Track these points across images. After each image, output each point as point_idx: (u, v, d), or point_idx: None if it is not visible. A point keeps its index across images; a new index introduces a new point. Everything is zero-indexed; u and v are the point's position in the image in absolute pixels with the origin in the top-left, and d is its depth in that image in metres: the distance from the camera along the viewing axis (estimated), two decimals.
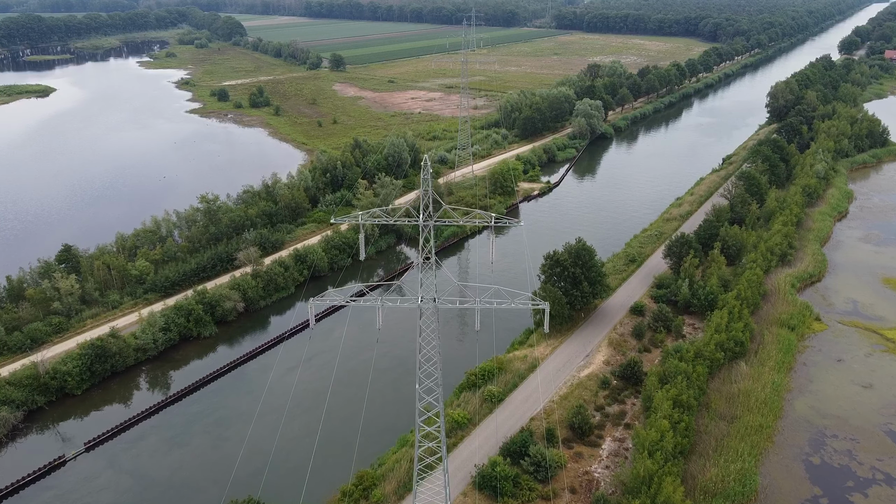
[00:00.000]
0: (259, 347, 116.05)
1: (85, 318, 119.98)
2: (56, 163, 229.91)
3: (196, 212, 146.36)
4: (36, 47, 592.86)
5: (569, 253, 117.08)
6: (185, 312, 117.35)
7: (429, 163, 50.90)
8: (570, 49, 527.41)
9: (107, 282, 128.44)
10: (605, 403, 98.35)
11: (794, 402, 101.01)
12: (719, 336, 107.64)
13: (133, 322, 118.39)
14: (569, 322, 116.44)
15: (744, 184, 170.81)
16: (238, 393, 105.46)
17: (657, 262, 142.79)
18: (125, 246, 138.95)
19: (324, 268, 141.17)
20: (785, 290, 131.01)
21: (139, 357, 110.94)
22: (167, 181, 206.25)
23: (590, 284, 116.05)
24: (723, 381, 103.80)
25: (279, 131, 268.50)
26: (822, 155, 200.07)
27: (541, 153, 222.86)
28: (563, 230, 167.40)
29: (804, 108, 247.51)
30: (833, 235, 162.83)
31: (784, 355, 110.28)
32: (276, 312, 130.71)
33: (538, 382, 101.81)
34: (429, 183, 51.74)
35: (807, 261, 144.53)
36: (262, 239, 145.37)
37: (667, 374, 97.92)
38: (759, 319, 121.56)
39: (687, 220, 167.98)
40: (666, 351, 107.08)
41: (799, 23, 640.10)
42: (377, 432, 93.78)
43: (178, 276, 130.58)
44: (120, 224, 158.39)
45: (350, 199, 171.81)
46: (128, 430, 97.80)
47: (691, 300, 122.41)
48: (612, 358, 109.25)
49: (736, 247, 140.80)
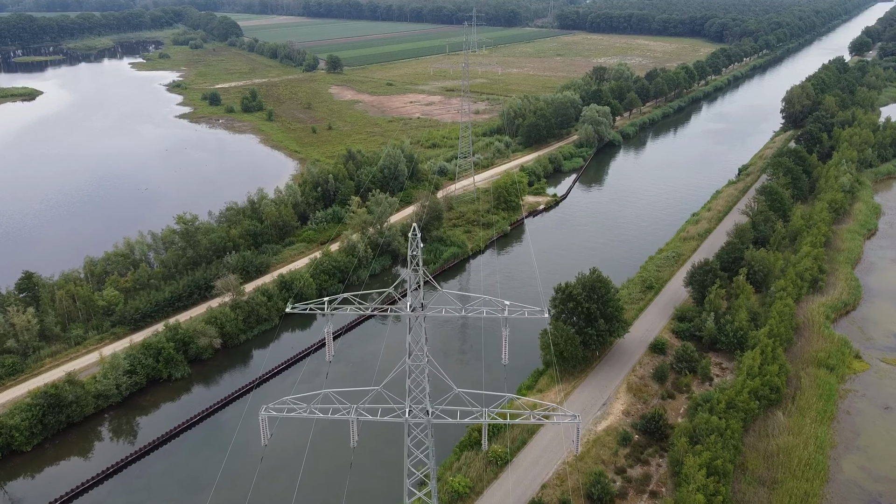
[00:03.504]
0: (236, 392, 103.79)
1: (43, 356, 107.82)
2: (34, 173, 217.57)
3: (172, 233, 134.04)
4: (27, 48, 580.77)
5: (582, 286, 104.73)
6: (154, 352, 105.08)
7: (419, 233, 38.92)
8: (574, 50, 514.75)
9: (71, 313, 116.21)
10: (626, 465, 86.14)
11: (840, 461, 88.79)
12: (753, 382, 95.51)
13: (97, 361, 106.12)
14: (582, 363, 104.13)
15: (766, 199, 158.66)
16: (212, 447, 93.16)
17: (676, 289, 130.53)
18: (94, 271, 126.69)
19: (311, 296, 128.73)
20: (819, 322, 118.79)
21: (100, 405, 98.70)
22: (149, 193, 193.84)
23: (606, 321, 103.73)
24: (759, 436, 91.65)
25: (271, 138, 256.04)
26: (846, 166, 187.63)
27: (546, 163, 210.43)
28: (571, 250, 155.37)
29: (822, 115, 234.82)
30: (864, 256, 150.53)
31: (825, 403, 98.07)
32: (259, 346, 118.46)
33: (550, 438, 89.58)
34: (419, 260, 39.77)
35: (839, 287, 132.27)
36: (244, 263, 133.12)
37: (697, 432, 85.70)
38: (793, 357, 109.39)
39: (706, 239, 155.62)
40: (694, 401, 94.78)
41: (806, 23, 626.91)
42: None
43: (150, 307, 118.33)
44: (92, 244, 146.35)
45: (342, 215, 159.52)
46: (84, 494, 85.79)
47: (718, 336, 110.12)
48: (631, 407, 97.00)
49: (763, 272, 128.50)
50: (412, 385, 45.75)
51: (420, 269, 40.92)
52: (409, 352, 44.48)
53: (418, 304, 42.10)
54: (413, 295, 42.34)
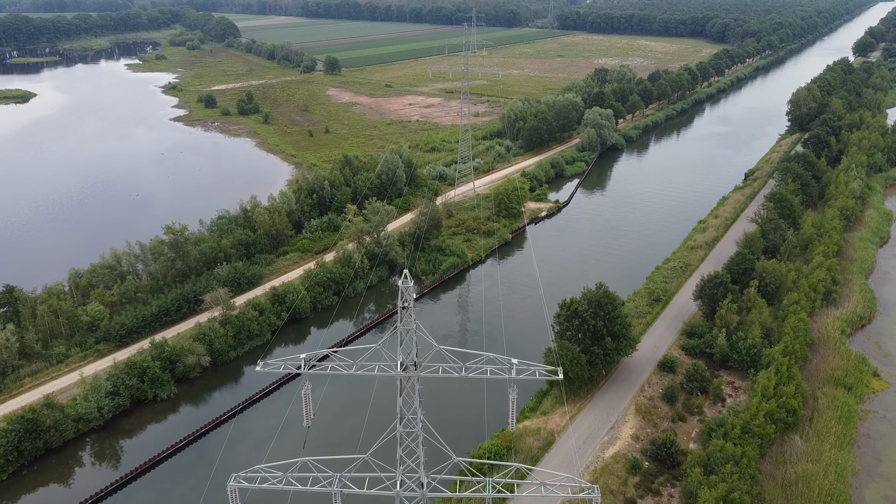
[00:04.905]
0: (225, 413, 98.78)
1: (23, 375, 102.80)
2: (24, 179, 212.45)
3: (161, 244, 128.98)
4: (23, 49, 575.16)
5: (588, 302, 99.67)
6: (139, 371, 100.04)
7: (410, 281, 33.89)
8: (574, 50, 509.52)
9: (53, 330, 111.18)
10: (636, 495, 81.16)
11: (862, 490, 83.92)
12: (768, 405, 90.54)
13: (78, 382, 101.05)
14: (588, 384, 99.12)
15: (774, 206, 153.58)
16: (198, 474, 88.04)
17: (684, 302, 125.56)
18: (79, 284, 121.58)
19: (305, 309, 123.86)
20: (834, 337, 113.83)
21: (80, 429, 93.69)
22: (140, 200, 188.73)
23: (613, 339, 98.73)
24: (776, 463, 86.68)
25: (267, 141, 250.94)
26: (856, 171, 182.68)
27: (548, 168, 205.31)
28: (575, 259, 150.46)
29: (829, 118, 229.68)
30: (877, 265, 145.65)
31: (844, 426, 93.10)
32: (250, 363, 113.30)
33: (555, 466, 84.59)
34: (411, 311, 34.69)
35: (854, 299, 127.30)
36: (236, 274, 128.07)
37: (711, 461, 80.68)
38: (809, 376, 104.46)
39: (713, 248, 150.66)
40: (707, 425, 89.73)
41: (808, 23, 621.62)
42: None
43: (136, 322, 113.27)
44: (79, 254, 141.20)
45: (338, 224, 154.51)
46: None
47: (730, 354, 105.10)
48: (641, 430, 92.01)
49: (774, 284, 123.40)
50: (404, 454, 40.49)
51: (412, 322, 35.74)
52: (400, 417, 39.31)
53: (410, 362, 36.97)
54: (404, 351, 37.18)
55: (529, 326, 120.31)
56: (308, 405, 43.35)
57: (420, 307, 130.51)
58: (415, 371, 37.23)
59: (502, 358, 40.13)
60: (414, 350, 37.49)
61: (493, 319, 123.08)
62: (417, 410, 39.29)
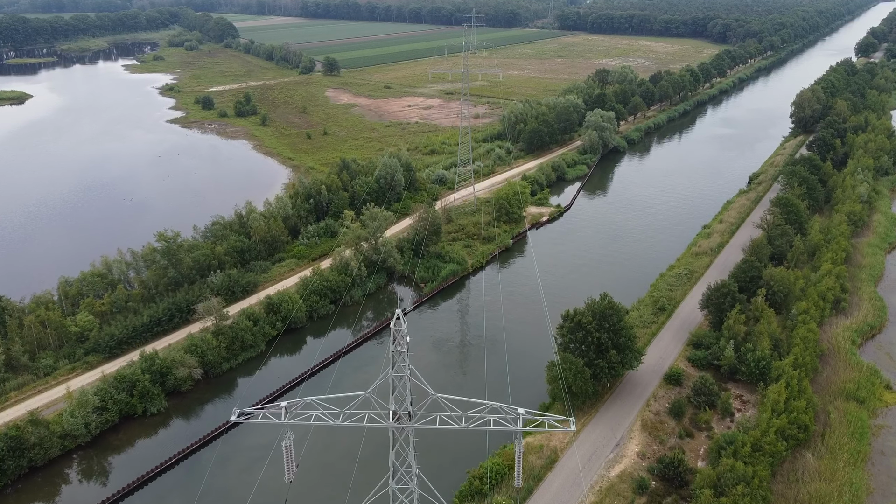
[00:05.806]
0: (218, 429, 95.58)
1: (9, 389, 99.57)
2: (17, 183, 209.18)
3: (153, 251, 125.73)
4: (20, 49, 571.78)
5: (592, 313, 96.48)
6: (128, 385, 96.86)
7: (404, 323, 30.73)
8: (575, 51, 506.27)
9: (41, 341, 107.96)
10: None
11: None
12: (779, 420, 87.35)
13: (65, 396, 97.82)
14: (593, 398, 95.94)
15: (781, 211, 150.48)
16: (190, 493, 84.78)
17: (690, 311, 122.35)
18: (68, 293, 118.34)
19: (301, 318, 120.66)
20: (845, 348, 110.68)
21: (67, 445, 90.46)
22: (134, 204, 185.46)
23: (618, 352, 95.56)
24: (787, 482, 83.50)
25: (264, 144, 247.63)
26: (863, 174, 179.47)
27: (549, 171, 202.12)
28: (577, 265, 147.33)
29: (834, 120, 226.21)
30: (886, 272, 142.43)
31: (858, 442, 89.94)
32: (244, 374, 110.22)
33: (559, 486, 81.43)
34: (405, 356, 31.48)
35: (864, 308, 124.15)
36: (230, 282, 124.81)
37: (721, 482, 77.51)
38: (819, 388, 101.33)
39: (719, 255, 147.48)
40: (716, 443, 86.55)
41: (810, 23, 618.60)
42: None
43: (126, 333, 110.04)
44: (70, 261, 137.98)
45: (335, 229, 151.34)
46: None
47: (738, 366, 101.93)
48: (647, 447, 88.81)
49: (782, 292, 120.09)
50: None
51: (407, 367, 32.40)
52: (392, 472, 35.96)
53: (404, 412, 33.56)
54: (397, 400, 33.77)
55: (531, 336, 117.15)
56: (290, 458, 39.90)
57: (419, 316, 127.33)
58: (409, 422, 33.73)
59: (508, 407, 36.74)
60: (408, 399, 34.16)
61: (494, 327, 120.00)
62: (412, 465, 35.97)
